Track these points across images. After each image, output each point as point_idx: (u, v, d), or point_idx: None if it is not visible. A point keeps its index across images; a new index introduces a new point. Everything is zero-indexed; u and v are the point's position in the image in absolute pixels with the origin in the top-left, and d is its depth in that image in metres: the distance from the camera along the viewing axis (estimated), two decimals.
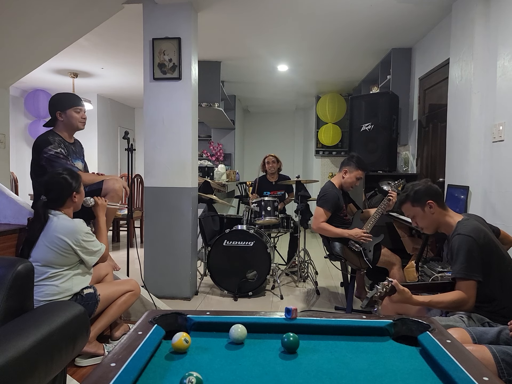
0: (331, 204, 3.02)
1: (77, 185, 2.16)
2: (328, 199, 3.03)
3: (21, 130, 6.94)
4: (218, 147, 6.95)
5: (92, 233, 2.20)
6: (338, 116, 6.69)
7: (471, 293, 1.74)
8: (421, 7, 3.47)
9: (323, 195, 3.08)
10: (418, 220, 1.99)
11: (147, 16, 3.43)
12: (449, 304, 1.74)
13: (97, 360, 2.24)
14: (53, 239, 2.04)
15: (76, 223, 2.12)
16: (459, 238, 1.80)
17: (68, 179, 2.13)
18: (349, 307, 3.06)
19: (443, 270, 2.57)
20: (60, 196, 2.13)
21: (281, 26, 3.93)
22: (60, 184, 2.11)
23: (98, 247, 2.20)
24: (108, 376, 0.91)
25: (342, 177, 3.14)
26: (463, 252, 1.76)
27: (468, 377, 0.93)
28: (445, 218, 1.94)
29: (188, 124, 3.46)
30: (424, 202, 1.93)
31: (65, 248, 2.05)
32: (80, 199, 2.21)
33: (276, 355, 1.12)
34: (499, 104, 2.72)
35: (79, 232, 2.08)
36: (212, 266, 3.62)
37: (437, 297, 1.77)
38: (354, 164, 3.09)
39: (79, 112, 2.65)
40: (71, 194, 2.14)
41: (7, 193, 2.77)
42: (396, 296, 1.65)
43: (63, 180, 2.11)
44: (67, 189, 2.13)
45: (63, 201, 2.14)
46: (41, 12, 2.96)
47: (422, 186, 1.96)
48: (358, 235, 2.87)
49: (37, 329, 1.24)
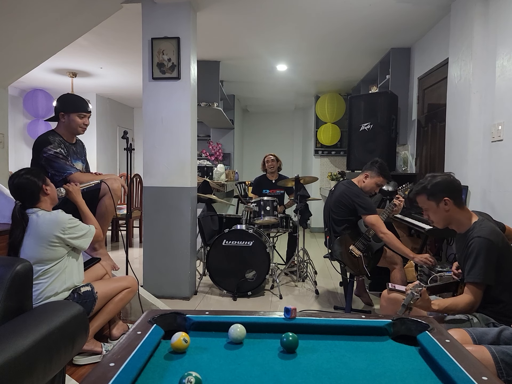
0: (375, 207, 2.93)
1: (41, 179, 2.14)
2: (371, 203, 2.92)
3: (20, 130, 6.93)
4: (217, 147, 6.95)
5: (74, 218, 2.18)
6: (337, 116, 6.69)
7: (479, 297, 1.74)
8: (420, 7, 3.47)
9: (366, 201, 2.89)
10: (431, 214, 1.91)
11: (146, 16, 3.43)
12: (460, 310, 1.74)
13: (95, 358, 2.24)
14: (40, 235, 2.04)
15: (56, 213, 2.12)
16: (479, 241, 1.75)
17: (30, 177, 2.11)
18: (348, 306, 3.06)
19: (442, 270, 2.58)
20: (32, 194, 2.11)
21: (280, 25, 3.93)
22: (25, 185, 2.10)
23: (86, 229, 2.21)
24: (107, 376, 0.91)
25: (363, 181, 3.03)
26: (482, 257, 1.73)
27: (467, 377, 0.93)
28: (459, 216, 1.87)
29: (187, 124, 3.46)
30: (440, 198, 1.84)
31: (53, 241, 2.05)
32: (52, 190, 2.20)
33: (275, 355, 1.12)
34: (498, 104, 2.72)
35: (62, 221, 2.09)
36: (211, 266, 3.62)
37: (451, 305, 1.74)
38: (377, 169, 2.96)
39: (82, 118, 2.64)
40: (41, 188, 2.12)
41: (5, 193, 2.77)
42: (419, 302, 1.62)
43: (25, 180, 2.10)
44: (33, 186, 2.11)
45: (37, 197, 2.12)
46: (39, 11, 2.95)
47: (442, 180, 1.86)
48: (423, 260, 2.51)
49: (36, 329, 1.24)
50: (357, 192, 2.94)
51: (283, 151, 7.98)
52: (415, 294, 1.56)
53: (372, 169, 2.99)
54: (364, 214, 2.88)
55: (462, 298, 1.77)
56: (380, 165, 2.97)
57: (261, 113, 8.75)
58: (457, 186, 1.88)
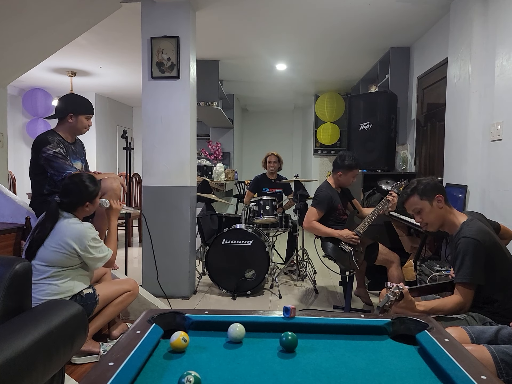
0: (323, 205, 3.06)
1: (92, 196, 2.17)
2: (320, 200, 3.08)
3: (19, 129, 6.93)
4: (217, 146, 6.95)
5: (99, 239, 2.19)
6: (337, 115, 6.69)
7: (470, 298, 1.74)
8: (419, 6, 3.47)
9: (316, 196, 3.15)
10: (424, 215, 1.92)
11: (145, 15, 3.42)
12: (449, 311, 1.74)
13: (92, 358, 2.25)
14: (60, 242, 2.04)
15: (85, 227, 2.11)
16: (465, 241, 1.75)
17: (89, 187, 2.14)
18: (348, 306, 3.06)
19: (441, 269, 2.58)
20: (74, 202, 2.14)
21: (280, 25, 3.92)
22: (77, 191, 2.12)
23: (104, 253, 2.19)
24: (106, 375, 0.91)
25: (338, 179, 3.17)
26: (469, 257, 1.73)
27: (466, 376, 0.93)
28: (450, 216, 1.90)
29: (187, 123, 3.46)
30: (433, 196, 1.88)
31: (69, 251, 2.05)
32: (92, 208, 2.22)
33: (274, 354, 1.12)
34: (497, 103, 2.72)
35: (86, 237, 2.08)
36: (210, 265, 3.62)
37: (438, 306, 1.75)
38: (346, 166, 3.10)
39: (88, 119, 2.68)
40: (83, 203, 2.15)
41: (5, 192, 2.77)
42: (402, 304, 1.64)
43: (82, 187, 2.12)
44: (81, 198, 2.13)
45: (75, 208, 2.15)
46: (38, 10, 2.94)
47: (429, 181, 1.93)
48: (348, 236, 2.89)
49: (35, 329, 1.24)
50: (318, 189, 3.20)
51: (282, 151, 7.91)
52: (390, 297, 1.58)
53: (342, 167, 3.12)
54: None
55: (450, 298, 1.77)
56: (348, 160, 3.10)
57: (261, 113, 8.75)
58: (443, 187, 1.96)
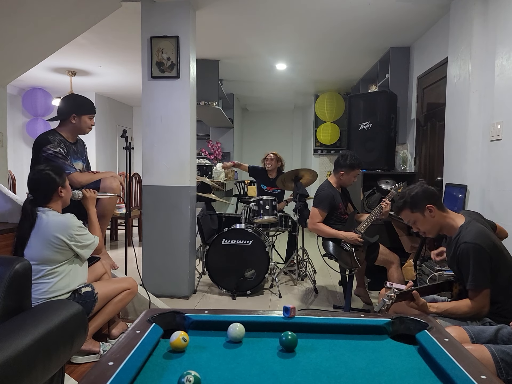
0: (325, 204, 3.05)
1: (61, 180, 2.14)
2: (322, 199, 3.07)
3: (19, 129, 6.92)
4: (217, 146, 6.94)
5: (84, 226, 2.19)
6: (337, 115, 6.68)
7: (486, 302, 1.73)
8: (419, 6, 3.46)
9: (317, 195, 3.14)
10: (420, 225, 1.92)
11: (145, 14, 3.42)
12: (463, 315, 1.73)
13: (92, 358, 2.25)
14: (47, 236, 2.03)
15: (67, 217, 2.10)
16: (467, 247, 1.73)
17: (51, 174, 2.10)
18: (348, 305, 3.06)
19: (441, 269, 2.58)
20: (46, 192, 2.11)
21: (280, 24, 3.92)
22: (44, 180, 2.09)
23: (91, 240, 2.20)
24: (106, 374, 0.91)
25: (340, 179, 3.17)
26: (473, 262, 1.72)
27: (465, 375, 0.93)
28: (446, 220, 1.89)
29: (187, 123, 3.45)
30: (423, 207, 1.86)
31: (59, 245, 2.04)
32: (67, 193, 2.19)
33: (274, 354, 1.12)
34: (497, 103, 2.72)
35: (71, 227, 2.08)
36: (210, 265, 3.62)
37: (451, 309, 1.74)
38: (348, 166, 3.10)
39: (91, 119, 2.70)
40: (56, 189, 2.12)
41: (4, 191, 2.77)
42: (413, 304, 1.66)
43: (46, 176, 2.09)
44: (51, 185, 2.10)
45: (50, 197, 2.12)
46: (38, 10, 2.94)
47: (419, 190, 1.89)
48: (353, 238, 2.89)
49: (35, 328, 1.24)
50: (319, 188, 3.19)
51: (282, 150, 7.92)
52: (386, 301, 1.59)
53: (345, 166, 3.13)
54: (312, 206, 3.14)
55: (465, 302, 1.76)
56: (350, 159, 3.10)
57: (261, 112, 8.74)
58: (434, 192, 1.91)
